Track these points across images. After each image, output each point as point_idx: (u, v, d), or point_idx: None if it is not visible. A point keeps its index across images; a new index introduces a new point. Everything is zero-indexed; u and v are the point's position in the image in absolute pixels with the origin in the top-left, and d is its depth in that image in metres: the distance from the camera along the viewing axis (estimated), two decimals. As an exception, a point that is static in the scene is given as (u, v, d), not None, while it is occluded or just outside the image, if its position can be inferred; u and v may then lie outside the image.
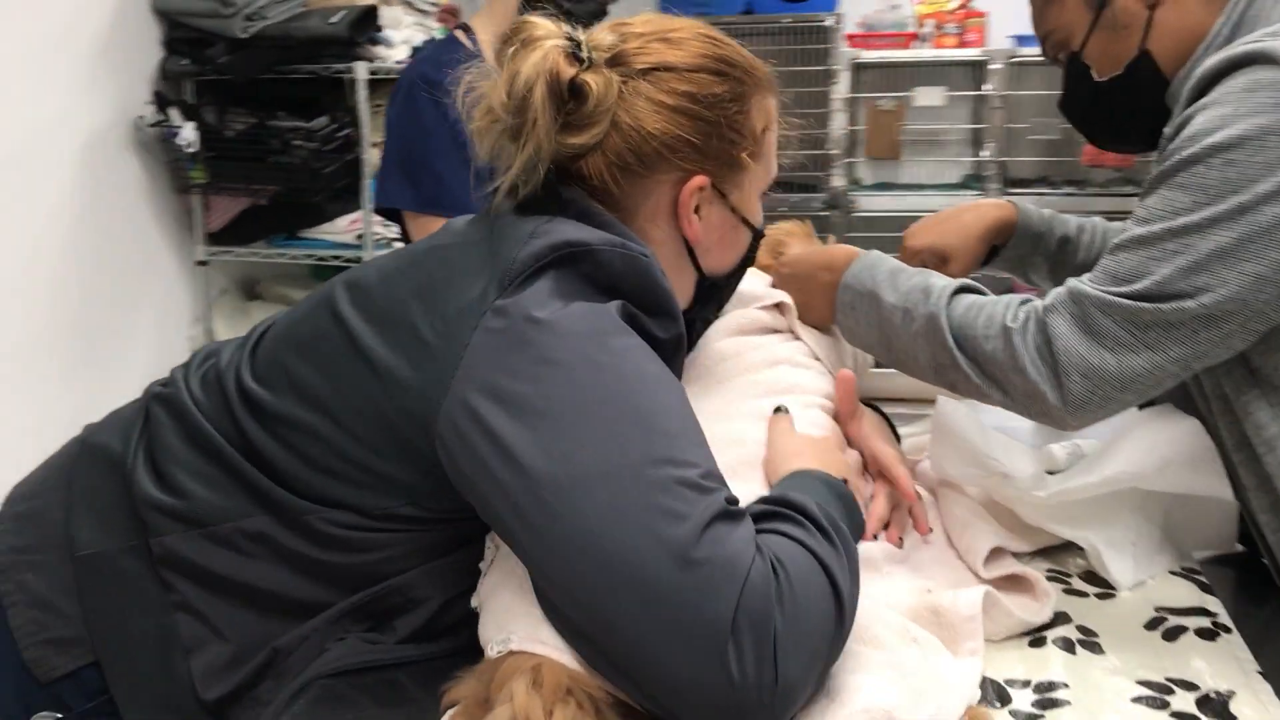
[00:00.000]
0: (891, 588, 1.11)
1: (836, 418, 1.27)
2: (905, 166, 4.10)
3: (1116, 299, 1.05)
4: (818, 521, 0.93)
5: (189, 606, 1.02)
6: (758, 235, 1.17)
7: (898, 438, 1.34)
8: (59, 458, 1.15)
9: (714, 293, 1.18)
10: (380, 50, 3.09)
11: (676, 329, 1.04)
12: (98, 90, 2.77)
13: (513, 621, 0.92)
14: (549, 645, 0.88)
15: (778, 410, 1.17)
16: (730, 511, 0.88)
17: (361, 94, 3.01)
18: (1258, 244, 1.01)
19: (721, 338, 1.30)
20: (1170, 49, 1.21)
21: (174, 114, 2.87)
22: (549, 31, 1.04)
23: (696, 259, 1.12)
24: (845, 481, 1.05)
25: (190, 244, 3.19)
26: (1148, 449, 1.16)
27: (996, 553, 1.18)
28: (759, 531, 0.91)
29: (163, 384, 1.12)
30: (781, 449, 1.11)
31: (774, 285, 1.38)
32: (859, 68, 3.84)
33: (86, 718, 1.03)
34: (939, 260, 1.49)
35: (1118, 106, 1.27)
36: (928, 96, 3.85)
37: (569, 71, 1.02)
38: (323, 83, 3.04)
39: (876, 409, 1.35)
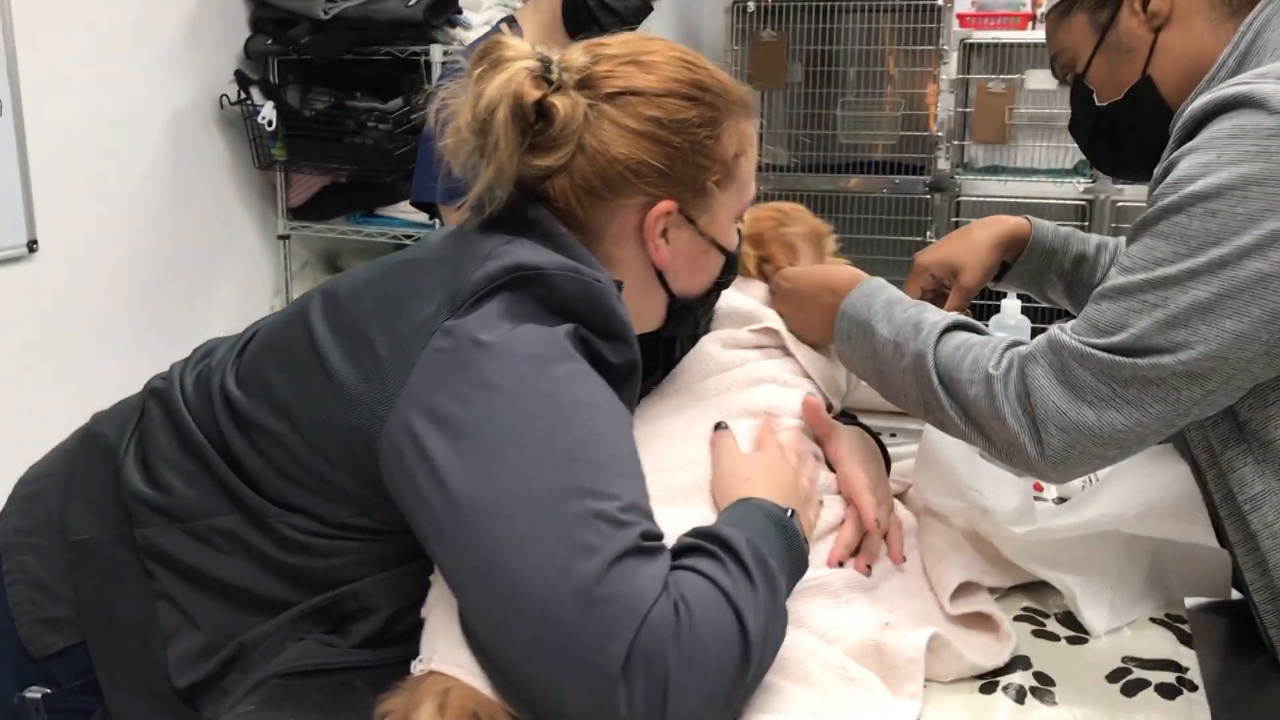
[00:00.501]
0: (848, 618, 1.10)
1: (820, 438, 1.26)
2: (1017, 150, 4.01)
3: (1094, 351, 1.01)
4: (740, 559, 0.93)
5: (169, 596, 1.06)
6: (731, 258, 1.17)
7: (887, 458, 1.33)
8: (68, 442, 1.21)
9: (687, 313, 1.18)
10: (459, 33, 3.12)
11: (630, 354, 1.05)
12: (184, 68, 2.87)
13: (438, 640, 0.95)
14: (464, 669, 0.90)
15: (718, 427, 1.17)
16: (644, 547, 0.89)
17: (436, 77, 3.06)
18: (1238, 300, 0.96)
19: (709, 350, 1.30)
20: (1174, 76, 1.16)
21: (255, 93, 2.95)
22: (519, 52, 1.05)
23: (666, 282, 1.13)
24: (791, 513, 1.04)
25: (272, 218, 3.29)
26: (1131, 493, 1.13)
27: (967, 588, 1.16)
28: (676, 567, 0.91)
29: (162, 378, 1.17)
30: (729, 472, 1.11)
31: (773, 298, 1.37)
32: (969, 48, 3.76)
33: (73, 694, 1.09)
34: (950, 273, 1.47)
35: (1119, 133, 1.22)
36: (1040, 80, 3.75)
37: (534, 94, 1.02)
38: (401, 64, 3.10)
39: (865, 428, 1.33)
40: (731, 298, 1.35)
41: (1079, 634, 1.14)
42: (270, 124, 2.94)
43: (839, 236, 1.51)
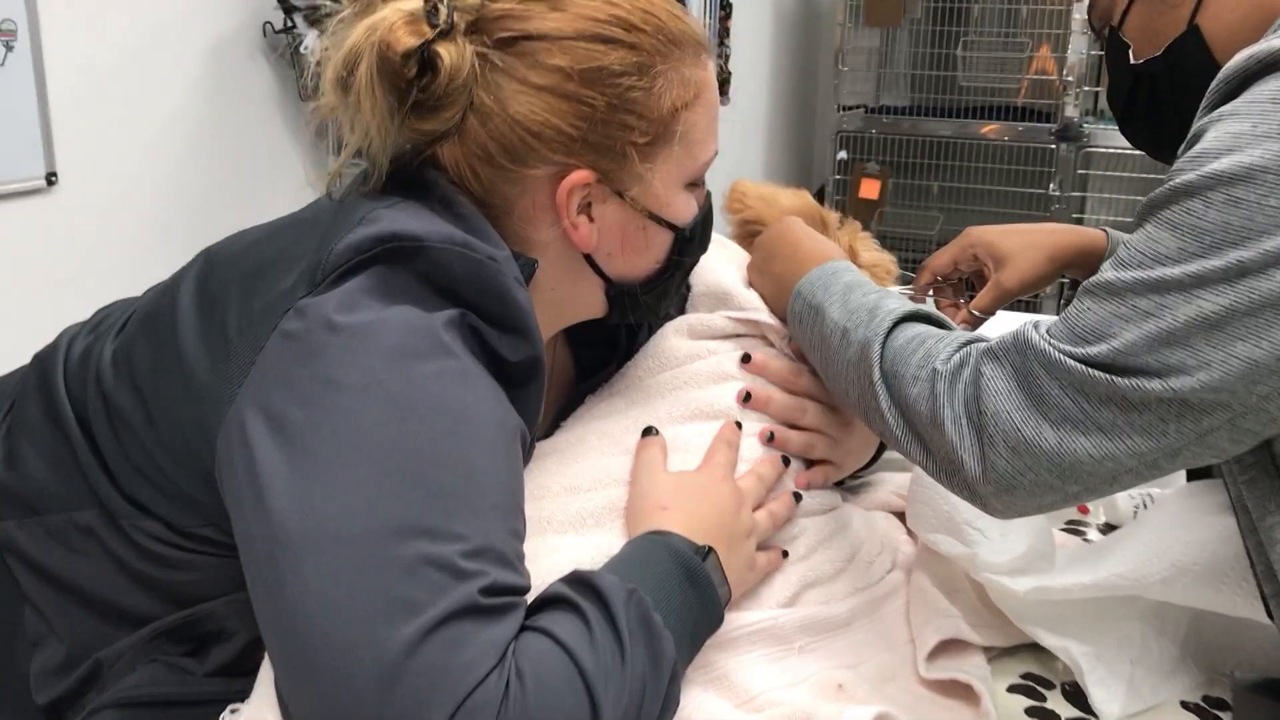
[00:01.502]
0: (792, 675, 0.92)
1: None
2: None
3: (1066, 360, 0.79)
4: (613, 618, 0.76)
5: (31, 599, 0.94)
6: (683, 233, 0.96)
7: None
8: None
9: (635, 301, 0.98)
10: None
11: (529, 350, 0.87)
12: (224, -8, 2.74)
13: (262, 686, 0.80)
14: None
15: (646, 433, 0.98)
16: (482, 606, 0.72)
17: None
18: (1257, 319, 0.73)
19: (670, 341, 1.10)
20: (1229, 27, 0.92)
21: (299, 20, 2.81)
22: None
23: (598, 265, 0.94)
24: (707, 553, 0.85)
25: (324, 155, 3.16)
26: (1157, 550, 0.90)
27: (951, 647, 0.96)
28: (528, 627, 0.75)
29: (52, 345, 1.03)
30: (644, 495, 0.93)
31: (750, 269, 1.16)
32: (1104, -15, 3.45)
33: None
34: (994, 260, 1.23)
35: (1158, 101, 0.98)
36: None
37: (407, 42, 0.84)
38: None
39: None
40: (711, 272, 1.14)
41: (1086, 715, 0.93)
42: (314, 54, 2.79)
43: (947, 186, 1.29)
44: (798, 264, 1.05)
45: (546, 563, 0.87)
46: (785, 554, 1.00)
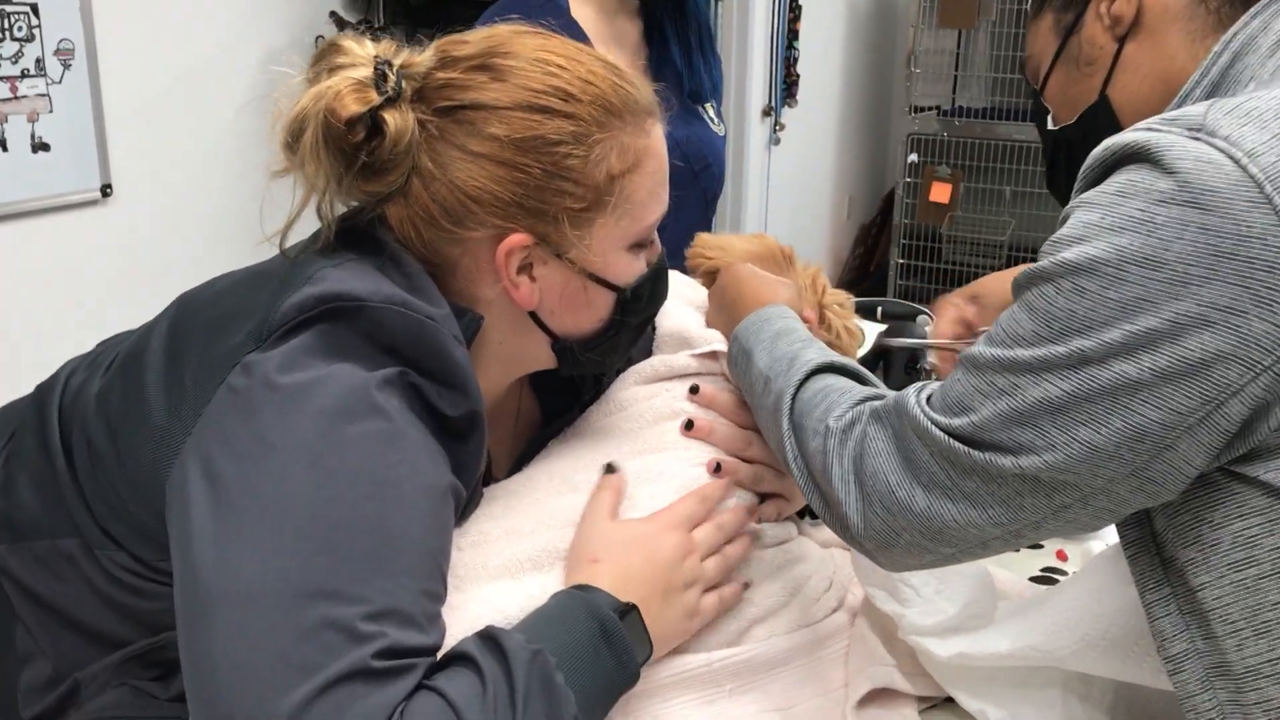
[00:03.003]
0: (724, 717, 0.94)
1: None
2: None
3: (933, 429, 0.81)
4: (512, 680, 0.79)
5: (21, 618, 1.00)
6: (625, 294, 0.98)
7: None
8: None
9: (578, 357, 1.01)
10: (569, -27, 2.95)
11: (468, 405, 0.90)
12: (277, 6, 2.81)
13: None
14: None
15: (608, 470, 1.01)
16: (374, 669, 0.75)
17: (538, 20, 2.90)
18: (1096, 406, 0.73)
19: (629, 386, 1.12)
20: (1136, 100, 0.92)
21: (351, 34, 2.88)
22: (354, 59, 0.91)
23: (543, 321, 0.96)
24: (626, 611, 0.88)
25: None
26: (1069, 622, 0.90)
27: (884, 695, 0.97)
28: (424, 686, 0.78)
29: (54, 376, 1.10)
30: (581, 546, 0.95)
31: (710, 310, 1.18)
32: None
33: None
34: (971, 301, 1.24)
35: (1073, 165, 0.97)
36: None
37: (354, 108, 0.88)
38: (507, 5, 2.95)
39: None
40: (672, 316, 1.16)
41: (1006, 779, 0.93)
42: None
43: (1019, 190, 1.31)
44: (741, 309, 1.08)
45: (473, 613, 0.90)
46: (747, 585, 1.02)
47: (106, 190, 2.45)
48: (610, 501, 0.99)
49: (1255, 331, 0.69)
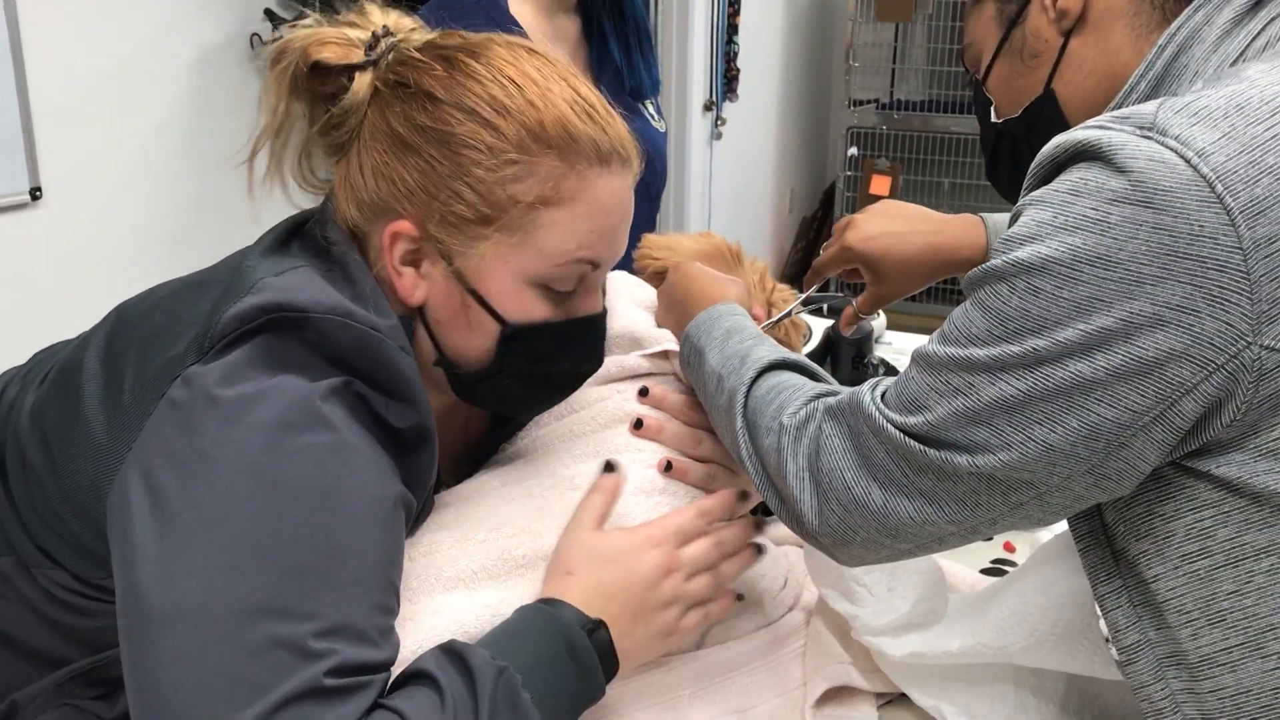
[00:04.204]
0: None
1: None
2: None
3: (889, 427, 0.81)
4: (476, 700, 0.78)
5: None
6: (509, 330, 0.93)
7: None
8: None
9: (470, 387, 0.97)
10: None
11: (417, 418, 0.88)
12: (210, 3, 2.75)
13: None
14: None
15: (607, 468, 1.00)
16: (325, 687, 0.73)
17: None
18: (1051, 405, 0.74)
19: (583, 389, 1.11)
20: (1081, 94, 0.92)
21: (285, 32, 2.83)
22: (366, 22, 0.94)
23: (428, 326, 0.95)
24: (594, 628, 0.87)
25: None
26: (1018, 618, 0.91)
27: (841, 693, 0.97)
28: (380, 705, 0.76)
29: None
30: (559, 555, 0.94)
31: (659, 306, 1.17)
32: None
33: None
34: (872, 276, 1.28)
35: (1018, 160, 0.97)
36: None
37: (326, 56, 0.90)
38: (445, 2, 2.92)
39: None
40: (622, 317, 1.15)
41: (963, 773, 0.93)
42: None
43: (958, 182, 1.32)
44: (691, 307, 1.07)
45: (427, 625, 0.88)
46: (740, 598, 1.02)
47: (35, 193, 2.38)
48: (599, 507, 0.97)
49: (1208, 330, 0.69)
